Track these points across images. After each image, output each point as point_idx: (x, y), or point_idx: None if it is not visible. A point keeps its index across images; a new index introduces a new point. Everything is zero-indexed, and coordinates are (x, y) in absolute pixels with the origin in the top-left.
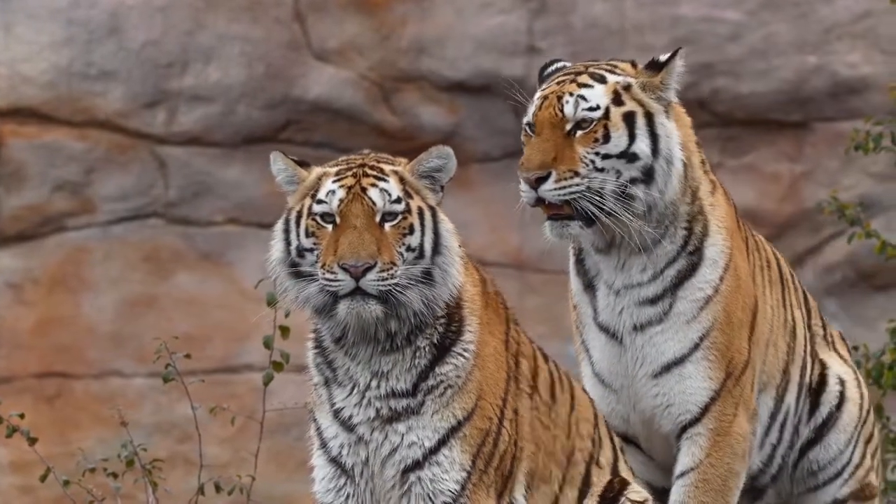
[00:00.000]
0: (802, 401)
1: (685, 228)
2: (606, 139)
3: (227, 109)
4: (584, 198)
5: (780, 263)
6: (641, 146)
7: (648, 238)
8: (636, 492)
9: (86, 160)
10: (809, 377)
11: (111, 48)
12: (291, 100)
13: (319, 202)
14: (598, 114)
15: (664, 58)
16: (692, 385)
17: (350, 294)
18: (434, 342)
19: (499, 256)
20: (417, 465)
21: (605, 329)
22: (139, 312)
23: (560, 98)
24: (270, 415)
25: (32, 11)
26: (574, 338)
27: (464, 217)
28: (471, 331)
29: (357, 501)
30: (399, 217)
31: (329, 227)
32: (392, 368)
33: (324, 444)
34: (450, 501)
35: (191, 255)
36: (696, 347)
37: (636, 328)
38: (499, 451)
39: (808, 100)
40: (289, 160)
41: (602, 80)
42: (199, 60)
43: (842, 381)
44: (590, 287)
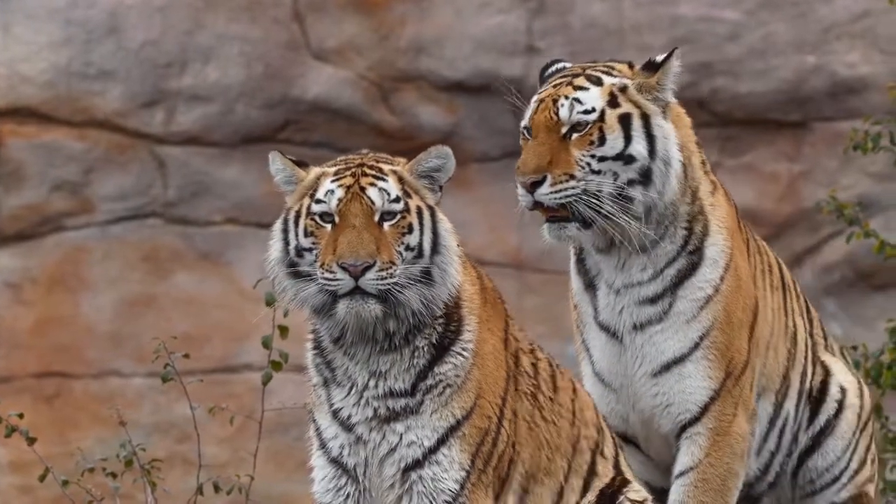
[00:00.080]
0: (802, 407)
1: (685, 228)
2: (602, 141)
3: (226, 109)
4: (581, 201)
5: (783, 270)
6: (638, 147)
7: (646, 239)
8: (636, 491)
9: (84, 160)
10: (810, 384)
11: (110, 48)
12: (290, 100)
13: (318, 202)
14: (594, 116)
15: (660, 58)
16: (692, 384)
17: (349, 293)
18: (433, 342)
19: (498, 256)
20: (418, 464)
21: (606, 328)
22: (138, 312)
23: (555, 101)
24: (269, 415)
25: (31, 11)
26: (575, 337)
27: (463, 217)
28: (469, 330)
29: (356, 501)
30: (398, 216)
31: (328, 227)
32: (390, 368)
33: (323, 445)
34: (450, 500)
35: (189, 255)
36: (696, 347)
37: (636, 327)
38: (497, 451)
39: (807, 99)
40: (287, 160)
41: (598, 83)
42: (198, 60)
43: (843, 390)
44: (590, 286)
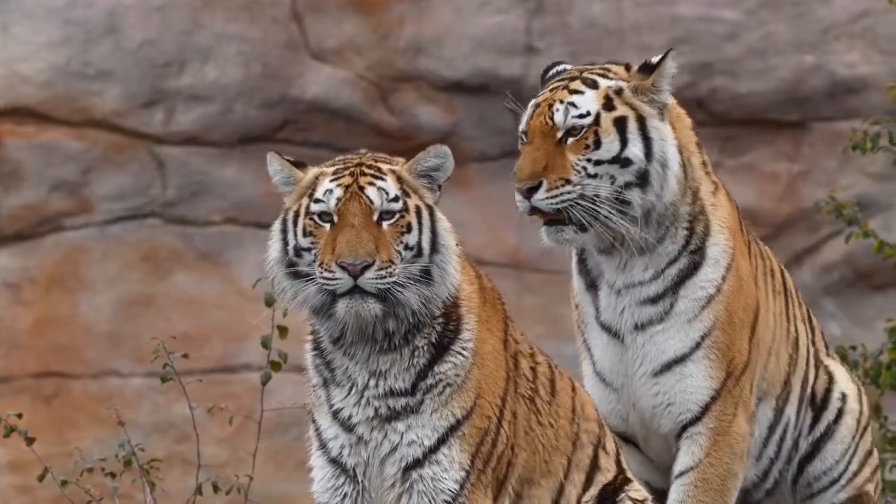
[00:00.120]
0: (803, 414)
1: (686, 228)
2: (597, 145)
3: (225, 109)
4: (577, 206)
5: (785, 276)
6: (634, 150)
7: (644, 242)
8: (637, 490)
9: (83, 160)
10: (812, 390)
11: (108, 48)
12: (289, 99)
13: (317, 201)
14: (588, 120)
15: (655, 60)
16: (693, 384)
17: (348, 292)
18: (432, 341)
19: (496, 256)
20: (418, 464)
21: (607, 328)
22: (137, 312)
23: (551, 106)
24: (268, 414)
25: (30, 11)
26: (576, 337)
27: (461, 216)
28: (469, 329)
29: (355, 501)
30: (397, 216)
31: (327, 227)
32: (390, 368)
33: (323, 445)
34: (449, 500)
35: (188, 255)
36: (698, 346)
37: (637, 327)
38: (497, 452)
39: (806, 99)
40: (284, 161)
41: (594, 86)
42: (197, 60)
43: (844, 396)
44: (592, 287)
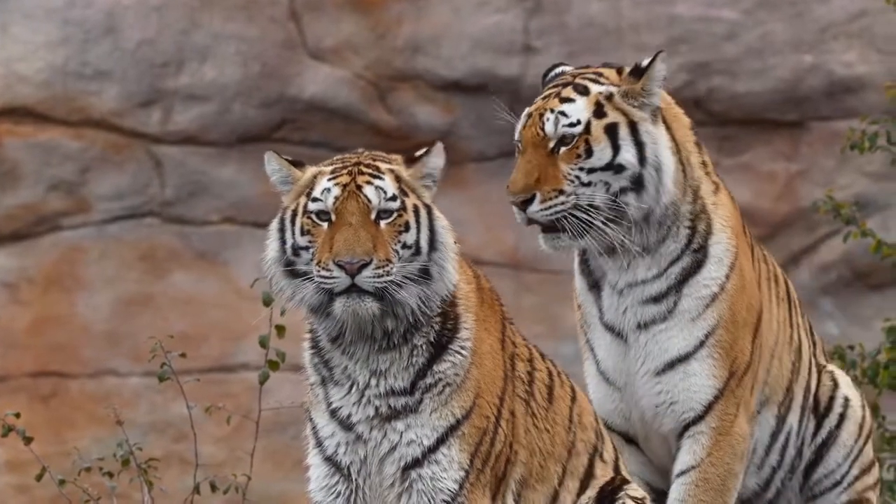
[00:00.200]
0: (806, 422)
1: (688, 227)
2: (589, 154)
3: (223, 108)
4: (572, 216)
5: (788, 284)
6: (627, 156)
7: (645, 243)
8: (634, 489)
9: (81, 159)
10: (814, 398)
11: (107, 48)
12: (287, 99)
13: (315, 200)
14: (579, 129)
15: (645, 63)
16: (696, 383)
17: (346, 291)
18: (431, 340)
19: (494, 256)
20: (417, 463)
21: (611, 328)
22: (135, 311)
23: (542, 116)
24: (266, 414)
25: (28, 11)
26: (578, 336)
27: (459, 216)
28: (467, 328)
29: (351, 500)
30: (394, 214)
31: (324, 225)
32: (390, 367)
33: (319, 444)
34: (448, 500)
35: (186, 255)
36: (702, 345)
37: (640, 326)
38: (495, 451)
39: (804, 99)
40: (283, 160)
41: (585, 92)
42: (195, 59)
43: (846, 401)
44: (595, 287)
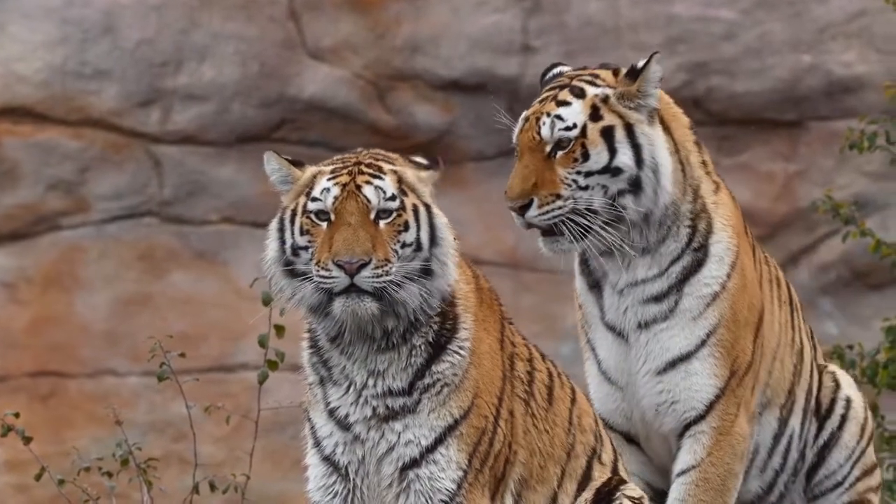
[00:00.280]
0: (808, 425)
1: (689, 226)
2: (585, 157)
3: (222, 108)
4: (570, 220)
5: (790, 288)
6: (623, 159)
7: (645, 243)
8: (632, 489)
9: (80, 159)
10: (816, 400)
11: (105, 47)
12: (286, 99)
13: (314, 200)
14: (575, 133)
15: (640, 64)
16: (698, 382)
17: (345, 291)
18: (429, 340)
19: (493, 255)
20: (415, 463)
21: (612, 328)
22: (134, 311)
23: (538, 120)
24: (265, 414)
25: (27, 11)
26: (580, 336)
27: (458, 216)
28: (466, 328)
29: (349, 500)
30: (394, 214)
31: (324, 225)
32: (388, 367)
33: (317, 443)
34: (446, 500)
35: (185, 254)
36: (703, 344)
37: (641, 326)
38: (493, 451)
39: (803, 99)
40: (282, 160)
41: (581, 95)
42: (194, 59)
43: (848, 402)
44: (595, 286)
